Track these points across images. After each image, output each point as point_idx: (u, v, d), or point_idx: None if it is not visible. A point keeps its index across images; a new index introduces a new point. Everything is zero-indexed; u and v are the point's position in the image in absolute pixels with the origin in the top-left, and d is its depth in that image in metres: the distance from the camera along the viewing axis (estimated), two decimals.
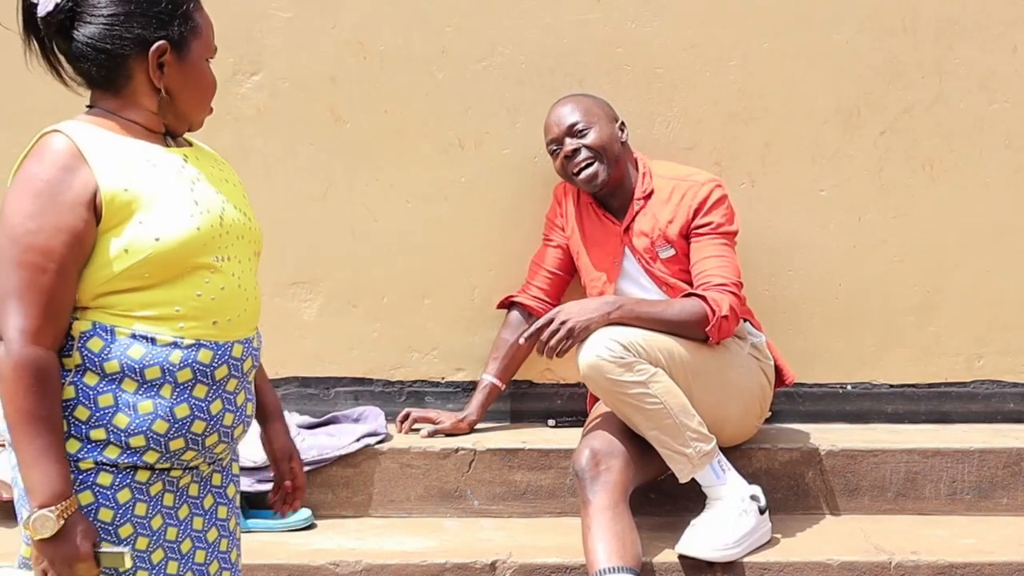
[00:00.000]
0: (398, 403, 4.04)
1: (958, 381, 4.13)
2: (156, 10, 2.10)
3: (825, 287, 4.08)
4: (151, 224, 2.02)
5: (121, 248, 2.01)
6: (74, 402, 2.03)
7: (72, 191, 1.98)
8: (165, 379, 2.05)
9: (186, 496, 2.17)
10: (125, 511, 2.07)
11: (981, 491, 3.75)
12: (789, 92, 4.02)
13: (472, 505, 3.73)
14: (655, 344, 3.33)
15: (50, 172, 1.99)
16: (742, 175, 4.02)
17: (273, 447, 2.46)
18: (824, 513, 3.73)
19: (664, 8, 3.97)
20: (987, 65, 4.03)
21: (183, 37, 2.14)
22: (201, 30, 2.19)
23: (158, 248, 2.01)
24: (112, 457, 2.05)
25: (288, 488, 2.48)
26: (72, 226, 1.98)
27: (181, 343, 2.05)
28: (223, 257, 2.11)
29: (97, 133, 2.07)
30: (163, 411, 2.05)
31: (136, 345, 2.03)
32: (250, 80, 3.94)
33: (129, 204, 2.01)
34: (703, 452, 3.34)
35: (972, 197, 4.06)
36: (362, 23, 3.95)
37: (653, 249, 3.61)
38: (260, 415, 2.43)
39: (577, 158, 3.61)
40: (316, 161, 3.98)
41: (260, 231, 2.27)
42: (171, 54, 2.11)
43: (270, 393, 2.45)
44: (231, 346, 2.13)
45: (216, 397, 2.11)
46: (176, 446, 2.08)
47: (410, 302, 4.05)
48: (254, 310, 2.20)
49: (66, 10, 2.06)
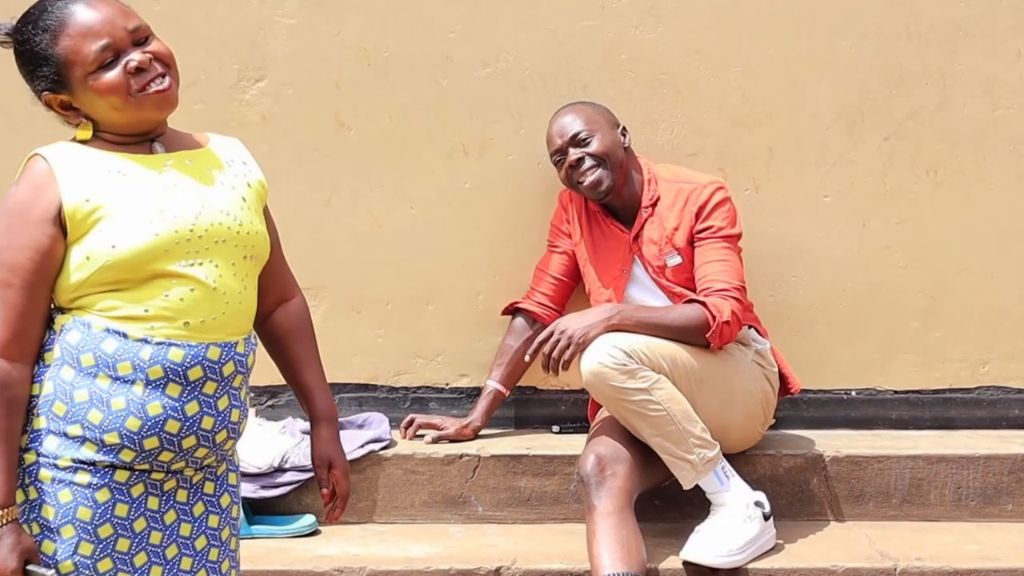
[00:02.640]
0: (402, 409, 4.04)
1: (963, 387, 4.13)
2: (27, 71, 2.15)
3: (829, 293, 4.07)
4: (109, 232, 2.07)
5: (83, 256, 2.07)
6: (52, 397, 2.08)
7: (38, 209, 2.06)
8: (137, 375, 2.08)
9: (173, 501, 2.18)
10: (105, 511, 2.10)
11: (986, 497, 3.74)
12: (793, 97, 4.02)
13: (476, 511, 3.73)
14: (658, 350, 3.33)
15: (23, 193, 2.08)
16: (746, 181, 4.01)
17: (315, 452, 2.45)
18: (829, 519, 3.73)
19: (668, 14, 3.98)
20: (991, 71, 4.02)
21: (57, 78, 2.12)
22: (69, 57, 2.10)
23: (115, 255, 2.06)
24: (89, 454, 2.08)
25: (325, 497, 2.46)
26: (37, 242, 2.06)
27: (151, 340, 2.08)
28: (194, 262, 2.12)
29: (74, 150, 2.13)
30: (135, 408, 2.08)
31: (109, 339, 2.08)
32: (254, 86, 3.95)
33: (90, 215, 2.07)
34: (707, 458, 3.33)
35: (976, 203, 4.06)
36: (366, 30, 3.96)
37: (661, 257, 3.61)
38: (309, 417, 2.46)
39: (582, 167, 3.60)
40: (320, 167, 3.98)
41: (260, 235, 2.26)
42: (61, 95, 2.14)
43: (323, 397, 2.45)
44: (206, 348, 2.13)
45: (191, 399, 2.12)
46: (150, 445, 2.10)
47: (414, 308, 4.05)
48: (237, 313, 2.19)
49: None
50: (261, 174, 2.36)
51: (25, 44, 2.13)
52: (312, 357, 2.46)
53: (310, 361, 2.45)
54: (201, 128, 2.38)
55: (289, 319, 2.44)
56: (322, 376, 2.46)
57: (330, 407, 2.46)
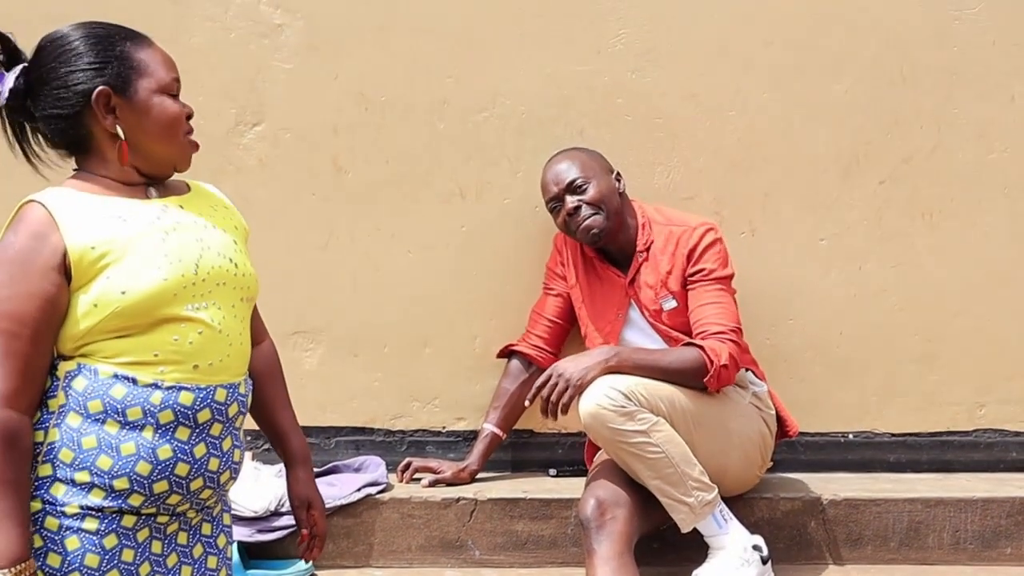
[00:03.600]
0: (399, 452, 4.04)
1: (960, 430, 4.12)
2: (88, 61, 2.14)
3: (826, 336, 4.08)
4: (117, 278, 2.06)
5: (90, 303, 2.06)
6: (58, 444, 2.07)
7: (42, 257, 2.05)
8: (147, 420, 2.08)
9: (175, 544, 2.19)
10: (112, 557, 2.09)
11: (985, 541, 3.73)
12: (789, 141, 4.04)
13: (473, 555, 3.71)
14: (656, 392, 3.33)
15: (22, 241, 2.06)
16: (742, 224, 4.03)
17: (292, 493, 2.49)
18: (827, 563, 3.71)
19: (664, 58, 4.00)
20: (985, 115, 4.05)
21: (124, 78, 2.15)
22: (145, 67, 2.18)
23: (125, 301, 2.06)
24: (97, 501, 2.07)
25: (305, 537, 2.49)
26: (44, 291, 2.04)
27: (161, 384, 2.09)
28: (199, 305, 2.14)
29: (72, 196, 2.12)
30: (146, 452, 2.08)
31: (118, 385, 2.07)
32: (252, 131, 3.96)
33: (97, 261, 2.06)
34: (705, 501, 3.33)
35: (972, 246, 4.07)
36: (364, 74, 3.98)
37: (658, 301, 3.61)
38: (285, 460, 2.49)
39: (579, 215, 3.61)
40: (318, 211, 3.99)
41: (253, 277, 2.29)
42: (116, 97, 2.15)
43: (296, 438, 2.49)
44: (214, 390, 2.15)
45: (200, 441, 2.14)
46: (160, 488, 2.10)
47: (411, 351, 4.05)
48: (239, 355, 2.23)
49: (20, 93, 2.15)
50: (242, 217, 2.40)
51: (101, 34, 2.16)
52: (285, 399, 2.50)
53: (283, 403, 2.49)
54: (199, 171, 2.38)
55: (261, 362, 2.45)
56: (295, 418, 2.50)
57: (305, 448, 2.50)
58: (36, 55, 2.16)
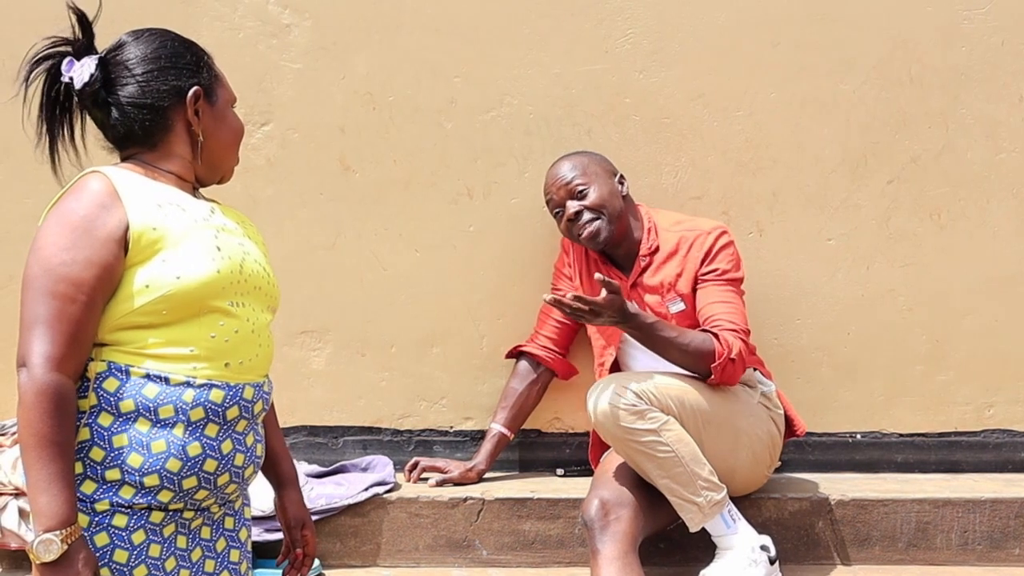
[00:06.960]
0: (407, 452, 4.04)
1: (968, 430, 4.12)
2: (184, 62, 2.25)
3: (834, 336, 4.08)
4: (174, 263, 2.10)
5: (143, 283, 2.09)
6: (89, 443, 2.09)
7: (106, 227, 2.07)
8: (178, 418, 2.10)
9: (199, 539, 2.21)
10: (140, 552, 2.11)
11: (993, 541, 3.72)
12: (797, 142, 4.04)
13: (481, 555, 3.71)
14: (666, 392, 3.33)
15: (87, 208, 2.08)
16: (750, 224, 4.03)
17: (287, 515, 2.54)
18: (835, 563, 3.71)
19: (671, 58, 4.00)
20: (993, 115, 4.05)
21: (211, 84, 2.29)
22: (222, 79, 2.36)
23: (178, 286, 2.09)
24: (127, 498, 2.09)
25: (299, 556, 2.55)
26: (104, 260, 2.06)
27: (194, 382, 2.12)
28: (239, 303, 2.19)
29: (132, 177, 2.17)
30: (176, 449, 2.10)
31: (150, 384, 2.09)
32: (260, 131, 3.97)
33: (156, 242, 2.10)
34: (714, 501, 3.32)
35: (980, 246, 4.07)
36: (371, 74, 3.98)
37: (664, 304, 3.61)
38: (276, 482, 2.54)
39: (580, 220, 3.61)
40: (325, 210, 4.00)
41: (278, 288, 2.35)
42: (204, 100, 2.26)
43: (286, 461, 2.54)
44: (242, 388, 2.19)
45: (226, 437, 2.17)
46: (189, 484, 2.12)
47: (419, 351, 4.05)
48: (266, 356, 2.27)
49: (99, 79, 2.19)
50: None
51: (187, 41, 2.29)
52: (275, 422, 2.53)
53: (274, 426, 2.52)
54: None
55: None
56: (284, 440, 2.56)
57: (294, 471, 2.57)
58: (121, 48, 2.22)
